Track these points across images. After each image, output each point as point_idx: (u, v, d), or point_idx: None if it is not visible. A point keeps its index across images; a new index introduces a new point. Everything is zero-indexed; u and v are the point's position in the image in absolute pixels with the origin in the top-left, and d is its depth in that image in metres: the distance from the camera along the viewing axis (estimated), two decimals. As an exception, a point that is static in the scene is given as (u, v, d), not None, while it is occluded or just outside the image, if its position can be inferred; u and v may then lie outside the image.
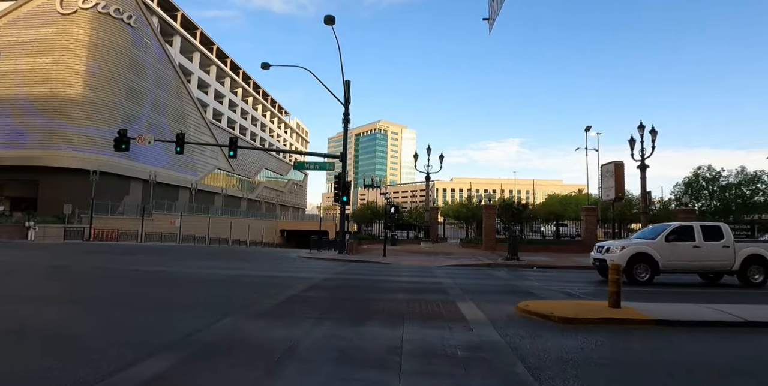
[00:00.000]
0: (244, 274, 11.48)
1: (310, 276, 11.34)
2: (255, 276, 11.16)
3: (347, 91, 24.14)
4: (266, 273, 12.37)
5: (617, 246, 12.10)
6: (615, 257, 11.62)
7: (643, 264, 11.62)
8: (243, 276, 10.96)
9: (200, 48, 65.12)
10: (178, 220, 48.59)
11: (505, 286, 10.55)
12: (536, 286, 10.56)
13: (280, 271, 13.09)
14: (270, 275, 11.72)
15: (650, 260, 11.60)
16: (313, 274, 11.86)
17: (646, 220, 20.06)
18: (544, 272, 15.72)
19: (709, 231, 12.12)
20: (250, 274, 11.61)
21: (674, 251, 11.74)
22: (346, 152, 23.92)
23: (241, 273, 12.00)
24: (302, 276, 11.41)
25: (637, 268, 11.61)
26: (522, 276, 13.39)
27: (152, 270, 12.17)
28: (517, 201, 19.19)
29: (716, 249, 11.84)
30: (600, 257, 12.32)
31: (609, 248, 12.24)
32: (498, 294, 9.00)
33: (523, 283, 11.21)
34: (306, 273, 12.24)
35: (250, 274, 11.64)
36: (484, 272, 14.87)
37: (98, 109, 46.71)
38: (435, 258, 20.54)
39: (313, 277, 10.97)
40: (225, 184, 73.99)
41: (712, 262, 11.93)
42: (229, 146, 24.31)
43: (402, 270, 15.12)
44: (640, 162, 20.31)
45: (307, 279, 10.57)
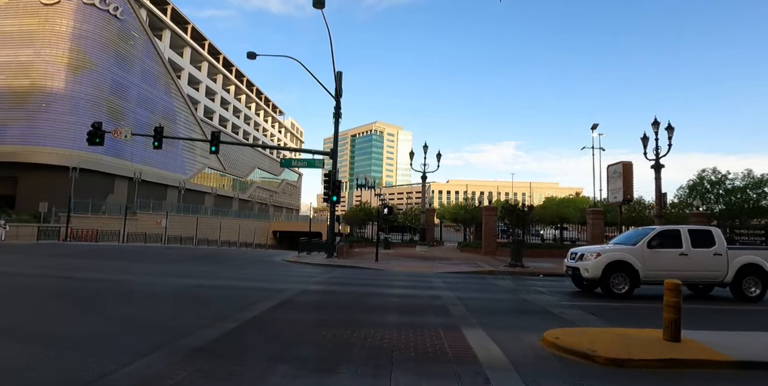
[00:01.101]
0: (206, 285, 9.71)
1: (286, 287, 9.63)
2: (219, 288, 9.42)
3: (338, 83, 22.49)
4: (235, 282, 10.63)
5: (592, 253, 10.44)
6: (589, 265, 10.11)
7: (621, 275, 9.99)
8: (204, 288, 9.21)
9: (191, 43, 63.27)
10: (164, 220, 46.69)
11: (516, 302, 8.88)
12: (553, 302, 8.90)
13: (253, 280, 11.35)
14: (238, 285, 9.99)
15: (630, 269, 10.00)
16: (290, 284, 10.14)
17: (660, 224, 18.46)
18: (553, 281, 14.08)
19: (699, 237, 10.48)
20: (213, 285, 9.85)
21: (657, 259, 10.13)
22: (336, 148, 22.24)
23: (205, 282, 10.23)
24: (277, 287, 9.68)
25: (614, 279, 9.99)
26: (530, 287, 11.74)
27: (94, 277, 10.40)
28: (522, 202, 17.54)
29: (706, 257, 10.23)
30: (573, 265, 10.76)
31: (583, 255, 10.61)
32: (511, 314, 7.32)
33: (536, 297, 9.55)
34: (282, 283, 10.52)
35: (214, 285, 9.88)
36: (488, 281, 13.21)
37: (82, 103, 44.80)
38: (432, 263, 18.87)
39: (289, 289, 9.26)
40: (216, 183, 72.06)
41: (701, 273, 10.29)
42: (210, 141, 22.59)
43: (395, 278, 13.42)
44: (655, 161, 18.76)
45: (280, 291, 8.85)
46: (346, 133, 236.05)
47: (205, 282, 10.35)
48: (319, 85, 21.72)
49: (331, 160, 22.06)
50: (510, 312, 7.51)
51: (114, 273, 11.37)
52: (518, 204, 17.46)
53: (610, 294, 9.89)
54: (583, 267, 10.27)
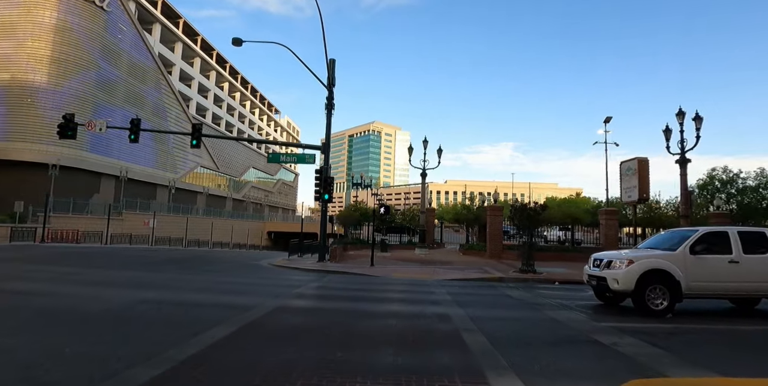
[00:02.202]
0: (156, 299, 7.75)
1: (258, 302, 7.78)
2: (172, 304, 7.54)
3: (331, 71, 20.65)
4: (198, 295, 8.73)
5: (622, 260, 8.54)
6: (619, 275, 8.26)
7: (660, 287, 8.14)
8: (151, 304, 7.28)
9: (183, 38, 61.34)
10: (151, 220, 44.75)
11: (546, 324, 7.03)
12: (589, 323, 7.10)
13: (222, 292, 9.44)
14: (199, 300, 8.10)
15: (669, 280, 8.15)
16: (264, 299, 8.29)
17: (686, 225, 16.70)
18: (572, 290, 12.29)
19: (751, 241, 8.62)
20: (167, 299, 7.88)
21: (703, 268, 8.29)
22: (329, 142, 20.39)
23: (158, 296, 8.29)
24: (246, 302, 7.82)
25: (651, 292, 8.13)
26: (552, 300, 9.94)
27: (22, 289, 8.45)
28: (533, 201, 15.76)
29: (761, 265, 8.41)
30: (598, 274, 8.90)
31: (611, 262, 8.73)
32: (549, 346, 5.46)
33: (566, 316, 7.73)
34: (256, 297, 8.66)
35: (168, 300, 7.92)
36: (499, 291, 11.39)
37: (65, 98, 42.80)
38: (433, 269, 17.04)
39: (260, 306, 7.42)
40: (210, 183, 70.10)
41: (755, 284, 8.44)
42: (191, 134, 20.70)
43: (391, 288, 11.59)
44: (680, 155, 16.97)
45: (248, 309, 7.01)
46: (343, 133, 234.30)
47: (160, 295, 8.47)
48: (315, 80, 19.93)
49: (323, 154, 20.21)
50: (546, 342, 5.66)
51: (54, 283, 9.48)
52: (529, 203, 15.64)
53: (644, 311, 8.06)
54: (612, 277, 8.44)
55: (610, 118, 24.79)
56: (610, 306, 9.40)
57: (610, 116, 24.80)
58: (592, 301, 9.90)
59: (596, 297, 9.89)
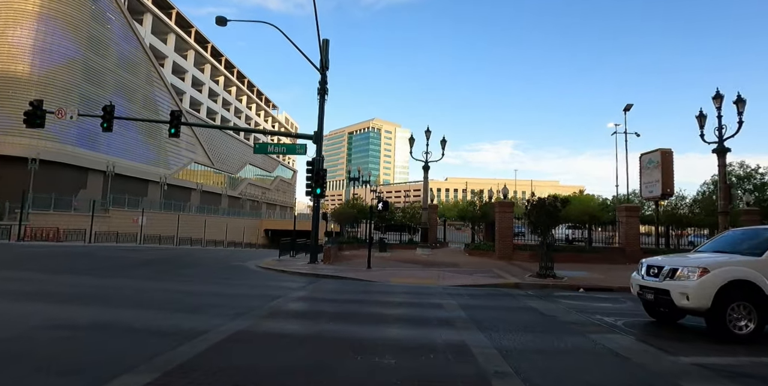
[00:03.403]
0: (74, 321, 5.73)
1: (211, 325, 5.81)
2: (90, 328, 5.55)
3: (324, 53, 18.66)
4: (136, 313, 6.65)
5: (693, 268, 6.44)
6: (691, 288, 6.22)
7: (744, 304, 6.11)
8: (63, 330, 5.27)
9: (175, 29, 59.22)
10: (140, 218, 42.81)
11: (607, 363, 5.07)
12: (665, 360, 5.15)
13: (173, 307, 7.28)
14: (133, 321, 6.02)
15: (757, 295, 6.11)
16: (222, 319, 6.30)
17: (725, 223, 14.75)
18: (604, 301, 10.35)
19: None
20: (87, 321, 5.81)
21: None
22: (322, 131, 18.41)
23: (80, 315, 6.33)
24: (193, 325, 5.82)
25: (733, 311, 6.09)
26: (589, 316, 8.02)
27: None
28: (551, 195, 13.80)
29: None
30: (656, 286, 6.84)
31: (676, 270, 6.62)
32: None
33: (625, 346, 5.77)
34: (213, 315, 6.66)
35: (89, 321, 5.84)
36: (521, 303, 9.44)
37: (50, 89, 40.70)
38: (438, 272, 15.09)
39: (212, 331, 5.46)
40: (204, 179, 68.11)
41: None
42: (170, 122, 18.73)
43: (390, 299, 9.64)
44: (717, 143, 14.98)
45: (189, 338, 5.05)
46: (342, 130, 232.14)
47: (89, 313, 6.50)
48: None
49: (316, 144, 18.23)
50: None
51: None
52: (547, 197, 13.69)
53: (723, 335, 6.07)
54: (679, 291, 6.42)
55: (631, 105, 22.81)
56: (666, 324, 7.48)
57: (631, 104, 22.83)
58: (640, 317, 7.97)
59: (646, 311, 7.96)
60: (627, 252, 19.47)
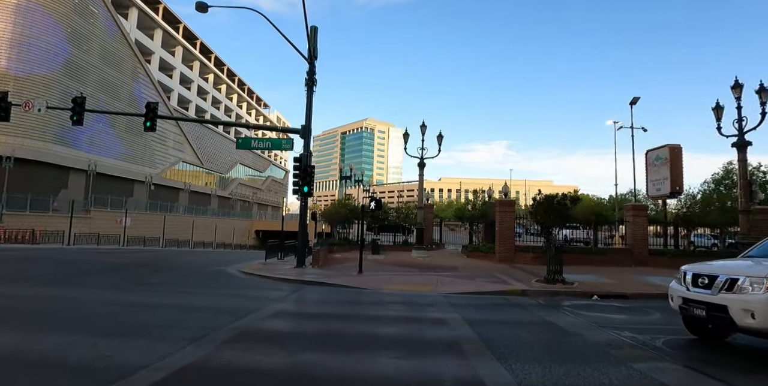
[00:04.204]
0: None
1: (151, 357, 4.46)
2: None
3: (312, 41, 17.35)
4: (69, 338, 5.35)
5: (760, 279, 5.11)
6: (757, 303, 4.95)
7: None
8: None
9: (162, 25, 57.51)
10: (124, 219, 41.20)
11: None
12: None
13: (114, 330, 5.85)
14: (33, 355, 4.71)
15: None
16: (170, 346, 4.97)
17: (746, 222, 13.60)
18: (625, 311, 9.12)
19: None
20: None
21: None
22: (310, 125, 17.07)
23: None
24: (124, 358, 4.46)
25: None
26: (618, 332, 6.77)
27: None
28: (561, 193, 12.60)
29: None
30: (710, 300, 5.53)
31: (736, 281, 5.30)
32: None
33: (682, 380, 4.52)
34: (159, 340, 5.26)
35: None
36: (535, 315, 8.18)
37: (29, 85, 38.99)
38: (435, 277, 13.80)
39: (150, 367, 4.13)
40: (193, 179, 66.40)
41: None
42: (144, 115, 17.31)
43: (384, 312, 8.33)
44: (737, 136, 13.85)
45: (113, 379, 3.74)
46: (335, 130, 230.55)
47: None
48: (279, 33, 16.51)
49: (303, 139, 16.89)
50: None
51: None
52: (556, 194, 12.46)
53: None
54: (742, 307, 5.14)
55: (638, 98, 21.72)
56: (713, 345, 6.25)
57: (638, 97, 21.74)
58: (677, 334, 6.73)
59: (686, 327, 6.71)
60: (635, 254, 18.33)
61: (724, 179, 38.51)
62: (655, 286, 12.91)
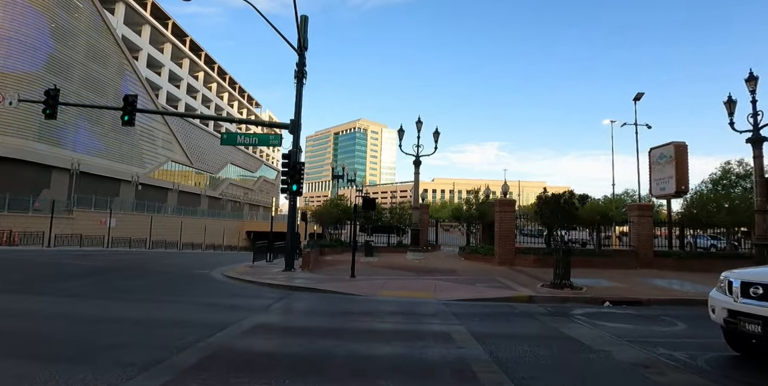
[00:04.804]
0: None
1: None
2: None
3: (302, 32, 16.39)
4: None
5: None
6: None
7: None
8: None
9: (151, 21, 56.14)
10: (109, 219, 39.89)
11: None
12: None
13: (35, 355, 4.82)
14: None
15: None
16: (108, 383, 4.02)
17: (763, 222, 12.83)
18: (648, 321, 8.26)
19: None
20: None
21: None
22: (299, 120, 16.09)
23: None
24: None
25: None
26: (647, 348, 5.90)
27: None
28: (568, 191, 11.73)
29: None
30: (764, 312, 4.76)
31: None
32: None
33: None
34: (98, 375, 4.38)
35: None
36: (548, 326, 7.28)
37: (9, 81, 37.54)
38: (433, 281, 12.87)
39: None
40: (183, 179, 64.98)
41: None
42: (122, 109, 16.24)
43: (380, 325, 7.39)
44: (752, 132, 13.09)
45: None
46: (328, 130, 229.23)
47: None
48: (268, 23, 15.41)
49: (292, 134, 15.91)
50: None
51: None
52: (563, 193, 11.58)
53: None
54: None
55: (642, 94, 20.98)
56: (757, 362, 5.39)
57: (642, 92, 20.97)
58: (716, 350, 5.86)
59: (727, 342, 5.83)
60: (639, 256, 17.54)
61: (722, 179, 37.99)
62: (666, 290, 12.12)
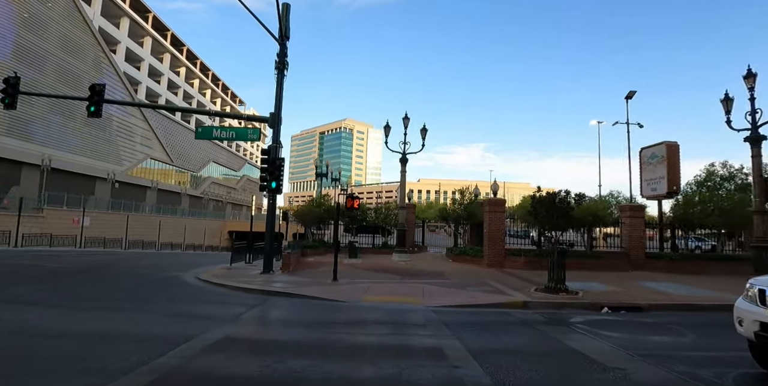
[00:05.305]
0: None
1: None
2: None
3: (284, 20, 15.49)
4: None
5: None
6: None
7: None
8: None
9: (130, 13, 54.34)
10: (82, 218, 38.26)
11: None
12: None
13: None
14: None
15: None
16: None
17: (762, 224, 12.38)
18: (654, 329, 7.63)
19: None
20: None
21: None
22: (280, 113, 15.18)
23: None
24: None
25: None
26: (665, 362, 5.22)
27: None
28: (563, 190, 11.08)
29: None
30: None
31: None
32: None
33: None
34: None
35: None
36: (554, 341, 6.55)
37: (-24, 72, 35.66)
38: (421, 285, 12.10)
39: None
40: (163, 177, 63.16)
41: None
42: (88, 99, 15.13)
43: (363, 338, 6.59)
44: (750, 130, 12.64)
45: None
46: (314, 129, 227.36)
47: None
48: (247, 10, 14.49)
49: (272, 129, 15.00)
50: None
51: None
52: (558, 192, 10.93)
53: None
54: None
55: (634, 92, 20.60)
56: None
57: (634, 91, 20.61)
58: (739, 366, 5.20)
59: (754, 357, 5.17)
60: (631, 257, 17.07)
61: (707, 181, 38.04)
62: (664, 295, 11.57)
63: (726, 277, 15.18)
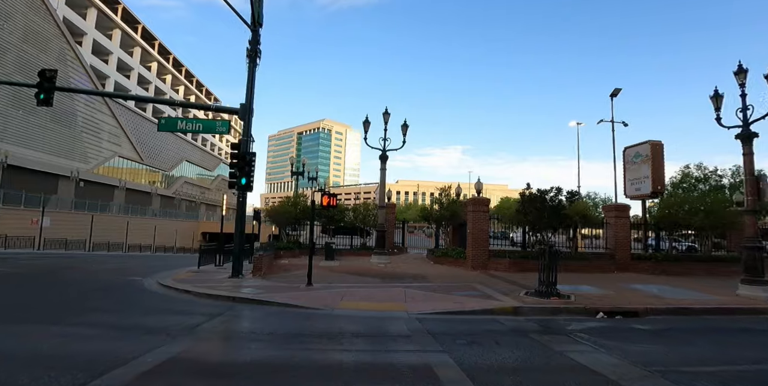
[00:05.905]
0: None
1: None
2: None
3: (257, 6, 14.45)
4: None
5: None
6: None
7: None
8: None
9: (97, 3, 51.96)
10: (41, 219, 36.07)
11: None
12: None
13: None
14: None
15: None
16: None
17: (753, 224, 11.97)
18: (659, 337, 6.97)
19: None
20: None
21: None
22: (251, 105, 14.10)
23: None
24: None
25: None
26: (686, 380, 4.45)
27: None
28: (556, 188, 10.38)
29: None
30: None
31: None
32: None
33: None
34: None
35: None
36: (556, 355, 5.76)
37: (-75, 62, 33.28)
38: (402, 289, 11.23)
39: None
40: (133, 176, 60.66)
41: None
42: (38, 85, 13.77)
43: (337, 356, 5.66)
44: (741, 127, 12.22)
45: None
46: (292, 130, 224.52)
47: None
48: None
49: (242, 121, 13.91)
50: None
51: None
52: (548, 190, 10.23)
53: None
54: None
55: (619, 90, 20.29)
56: None
57: (619, 88, 20.31)
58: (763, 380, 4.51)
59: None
60: (617, 259, 16.60)
61: (682, 182, 38.47)
62: (656, 298, 11.00)
63: (711, 279, 14.89)
